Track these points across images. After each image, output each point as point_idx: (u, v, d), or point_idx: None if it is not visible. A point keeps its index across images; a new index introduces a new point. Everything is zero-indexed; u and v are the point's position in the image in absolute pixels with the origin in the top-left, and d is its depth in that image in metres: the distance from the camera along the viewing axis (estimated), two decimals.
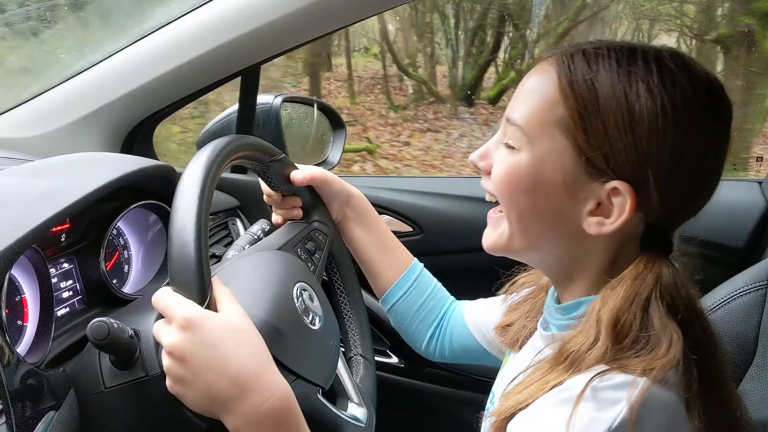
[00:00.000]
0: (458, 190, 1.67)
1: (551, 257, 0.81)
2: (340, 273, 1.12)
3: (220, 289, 0.77)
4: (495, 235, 0.83)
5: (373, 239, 1.13)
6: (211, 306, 0.74)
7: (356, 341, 1.10)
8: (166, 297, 0.74)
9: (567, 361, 0.70)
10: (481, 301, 1.14)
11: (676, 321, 0.69)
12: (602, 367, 0.68)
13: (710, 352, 0.73)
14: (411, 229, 1.61)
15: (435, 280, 1.18)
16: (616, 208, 0.72)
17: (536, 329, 0.90)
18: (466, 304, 1.16)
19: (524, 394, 0.71)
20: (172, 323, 0.72)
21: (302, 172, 1.05)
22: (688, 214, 0.76)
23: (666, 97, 0.69)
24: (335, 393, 0.99)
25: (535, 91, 0.76)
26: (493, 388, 0.96)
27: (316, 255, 1.04)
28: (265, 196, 1.10)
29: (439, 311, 1.16)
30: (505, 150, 0.78)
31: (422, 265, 1.17)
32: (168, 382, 0.73)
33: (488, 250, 0.85)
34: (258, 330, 0.77)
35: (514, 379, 0.77)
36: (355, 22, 1.28)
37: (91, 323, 0.74)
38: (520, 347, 0.93)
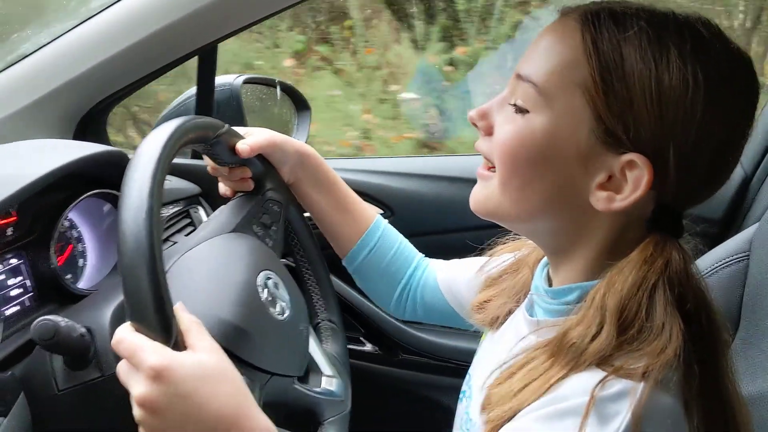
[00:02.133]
0: (429, 170, 1.63)
1: (547, 230, 0.75)
2: (298, 238, 1.07)
3: (185, 321, 0.69)
4: (484, 195, 0.76)
5: (331, 200, 1.07)
6: (179, 344, 0.66)
7: (321, 306, 1.05)
8: (128, 340, 0.65)
9: (568, 353, 0.65)
10: (455, 261, 1.09)
11: (682, 312, 0.65)
12: (598, 372, 0.63)
13: (715, 348, 0.68)
14: (381, 212, 1.56)
15: (401, 236, 1.13)
16: (630, 183, 0.66)
17: (516, 308, 0.86)
18: (438, 264, 1.11)
19: (525, 393, 0.66)
20: (138, 371, 0.65)
21: (248, 143, 0.95)
22: (703, 197, 0.71)
23: (699, 67, 0.64)
24: (308, 369, 0.95)
25: (555, 48, 0.69)
26: (470, 370, 0.91)
27: (273, 228, 0.98)
28: (209, 168, 1.01)
29: (407, 269, 1.10)
30: (512, 111, 0.71)
31: (386, 221, 1.12)
32: None
33: (475, 210, 0.78)
34: (223, 334, 0.72)
35: (499, 367, 0.72)
36: None
37: (35, 323, 0.69)
38: (498, 327, 0.89)
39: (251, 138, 0.98)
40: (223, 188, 1.03)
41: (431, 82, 3.41)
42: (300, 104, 1.80)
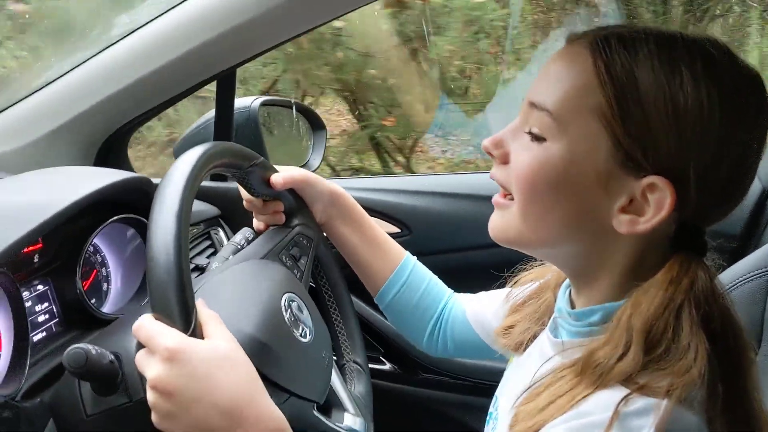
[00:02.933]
0: (446, 188, 1.63)
1: (569, 254, 0.75)
2: (327, 277, 1.09)
3: (205, 313, 0.72)
4: (503, 223, 0.76)
5: (361, 237, 1.09)
6: (197, 333, 0.69)
7: (347, 347, 1.06)
8: (147, 326, 0.68)
9: (595, 372, 0.65)
10: (482, 294, 1.10)
11: (708, 331, 0.64)
12: (622, 390, 0.63)
13: (740, 366, 0.68)
14: (399, 230, 1.58)
15: (430, 273, 1.13)
16: (653, 206, 0.66)
17: (541, 332, 0.86)
18: (466, 298, 1.12)
19: (550, 410, 0.66)
20: (155, 355, 0.67)
21: (282, 176, 1.00)
22: (724, 213, 0.71)
23: (712, 85, 0.64)
24: (330, 404, 0.95)
25: (567, 75, 0.69)
26: (497, 393, 0.91)
27: (302, 261, 1.00)
28: (245, 202, 1.05)
29: (438, 305, 1.11)
30: (527, 139, 0.71)
31: (415, 258, 1.13)
32: (154, 417, 0.68)
33: (496, 239, 0.77)
34: (246, 347, 0.73)
35: (527, 389, 0.71)
36: (334, 19, 1.23)
37: (67, 351, 0.70)
38: (523, 351, 0.89)
39: (285, 172, 1.01)
40: (256, 223, 1.06)
41: None
42: (316, 124, 1.81)
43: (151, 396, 0.67)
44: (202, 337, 0.69)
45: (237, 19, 1.17)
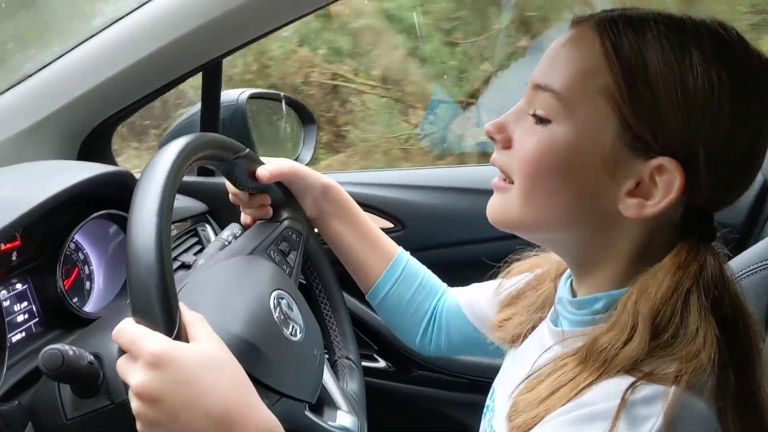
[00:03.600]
0: (440, 181, 1.60)
1: (572, 240, 0.73)
2: (317, 272, 1.06)
3: (189, 315, 0.68)
4: (502, 206, 0.74)
5: (353, 232, 1.06)
6: (181, 336, 0.65)
7: (339, 343, 1.03)
8: (128, 330, 0.64)
9: (599, 359, 0.63)
10: (475, 285, 1.07)
11: (718, 317, 0.62)
12: (627, 378, 0.61)
13: (750, 353, 0.66)
14: (392, 225, 1.54)
15: (424, 268, 1.10)
16: (661, 188, 0.64)
17: (539, 323, 0.83)
18: (460, 291, 1.09)
19: (552, 399, 0.64)
20: (137, 360, 0.63)
21: (269, 168, 0.96)
22: (731, 198, 0.69)
23: (722, 67, 0.63)
24: (322, 402, 0.92)
25: (573, 56, 0.68)
26: (494, 385, 0.89)
27: (291, 256, 0.97)
28: (230, 196, 1.01)
29: (432, 301, 1.08)
30: (532, 122, 0.70)
31: (408, 253, 1.10)
32: (139, 426, 0.64)
33: (494, 223, 0.75)
34: (233, 349, 0.69)
35: (526, 378, 0.69)
36: (321, 8, 1.20)
37: (42, 352, 0.66)
38: (521, 343, 0.86)
39: (272, 164, 0.98)
40: (243, 217, 1.03)
41: None
42: (306, 118, 1.78)
43: (135, 404, 0.64)
44: (187, 340, 0.66)
45: (221, 7, 1.14)
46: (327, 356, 1.01)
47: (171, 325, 0.64)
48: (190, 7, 1.16)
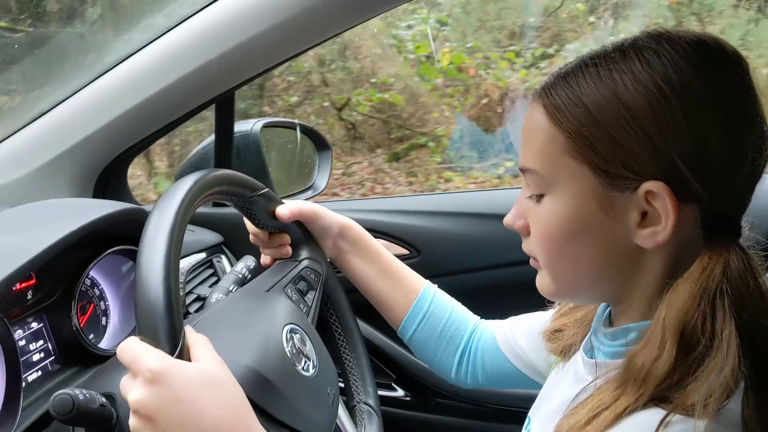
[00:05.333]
0: (453, 207, 1.59)
1: (611, 289, 0.74)
2: (336, 314, 1.04)
3: (193, 336, 0.69)
4: (542, 284, 0.77)
5: (376, 268, 1.06)
6: (183, 355, 0.66)
7: (358, 388, 1.01)
8: (131, 348, 0.65)
9: (636, 379, 0.63)
10: (513, 319, 1.06)
11: (740, 320, 0.61)
12: (659, 411, 0.60)
13: None
14: (407, 252, 1.53)
15: (453, 301, 1.10)
16: (662, 212, 0.64)
17: (585, 339, 0.82)
18: (495, 324, 1.08)
19: (594, 425, 0.63)
20: (138, 377, 0.64)
21: (288, 207, 0.98)
22: (744, 190, 0.67)
23: (657, 77, 0.63)
24: None
25: (533, 132, 0.71)
26: (530, 413, 0.88)
27: (309, 295, 0.96)
28: (251, 237, 1.02)
29: (464, 333, 1.07)
30: (533, 203, 0.73)
31: (435, 287, 1.09)
32: None
33: (545, 296, 0.79)
34: (242, 379, 0.70)
35: (570, 411, 0.69)
36: (326, 40, 1.20)
37: (53, 397, 0.66)
38: (570, 356, 0.86)
39: (291, 203, 0.99)
40: (263, 258, 1.03)
41: None
42: (321, 145, 1.79)
43: (132, 421, 0.64)
44: (189, 360, 0.66)
45: (233, 41, 1.15)
46: (345, 401, 1.00)
47: (173, 343, 0.65)
48: (201, 41, 1.17)
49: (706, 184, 0.64)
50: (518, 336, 1.01)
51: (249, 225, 1.00)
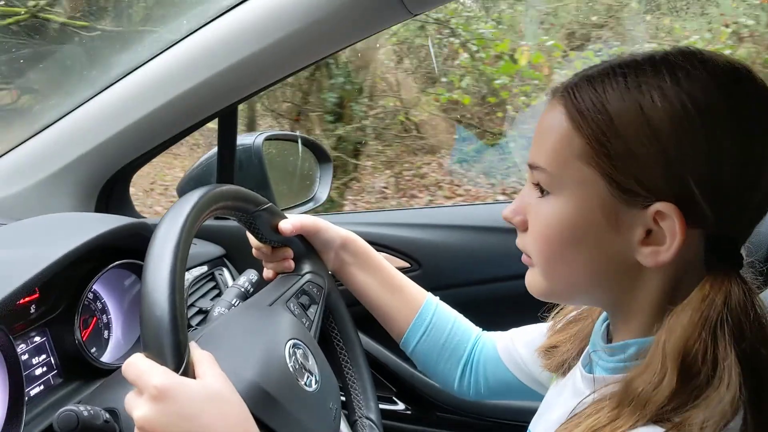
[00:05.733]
0: (455, 220, 1.59)
1: (603, 297, 0.74)
2: (338, 328, 1.05)
3: (198, 353, 0.69)
4: (534, 281, 0.76)
5: (378, 281, 1.06)
6: (188, 372, 0.66)
7: (360, 402, 1.01)
8: (137, 364, 0.66)
9: (634, 402, 0.62)
10: (514, 330, 1.06)
11: (740, 350, 0.61)
12: (657, 429, 0.60)
13: None
14: (408, 265, 1.53)
15: (454, 313, 1.10)
16: (668, 233, 0.64)
17: (580, 357, 0.82)
18: (497, 335, 1.08)
19: None
20: (143, 394, 0.64)
21: (291, 222, 0.99)
22: (752, 217, 0.67)
23: (684, 96, 0.62)
24: None
25: (549, 130, 0.70)
26: (530, 426, 0.88)
27: (311, 309, 0.97)
28: (254, 251, 1.03)
29: (466, 345, 1.07)
30: (536, 195, 0.72)
31: (437, 299, 1.09)
32: None
33: (532, 294, 0.78)
34: (244, 393, 0.70)
35: (564, 425, 0.69)
36: (329, 55, 1.21)
37: (57, 414, 0.66)
38: (566, 372, 0.86)
39: (294, 218, 1.00)
40: (266, 272, 1.04)
41: None
42: (322, 157, 1.79)
43: None
44: (193, 377, 0.67)
45: (236, 56, 1.15)
46: (347, 415, 1.00)
47: (178, 360, 0.65)
48: (205, 56, 1.18)
49: (716, 211, 0.63)
50: (519, 347, 1.01)
51: (252, 239, 1.01)
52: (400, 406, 1.56)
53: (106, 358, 1.02)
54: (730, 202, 0.64)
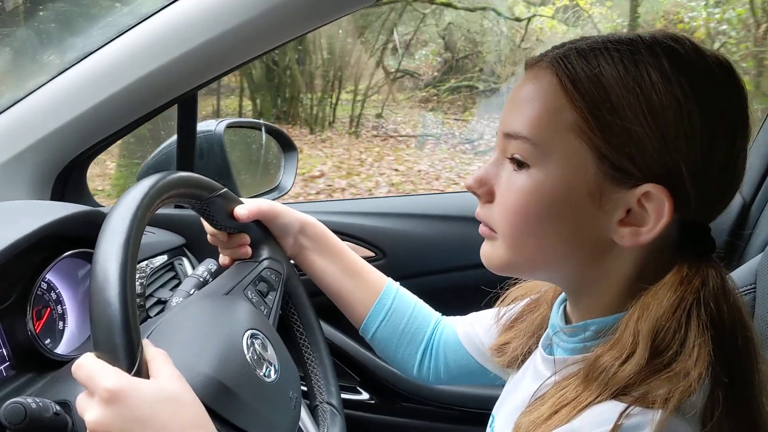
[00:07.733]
0: (420, 209, 1.59)
1: (568, 274, 0.72)
2: (297, 313, 1.03)
3: (151, 351, 0.67)
4: (494, 254, 0.73)
5: (338, 267, 1.05)
6: (141, 372, 0.64)
7: (321, 388, 1.00)
8: (87, 365, 0.63)
9: (600, 378, 0.62)
10: (473, 315, 1.05)
11: (716, 332, 0.62)
12: (617, 404, 0.60)
13: (749, 373, 0.64)
14: (373, 254, 1.53)
15: (415, 298, 1.09)
16: (652, 214, 0.63)
17: (536, 346, 0.82)
18: (456, 320, 1.07)
19: (554, 420, 0.63)
20: (94, 396, 0.62)
21: (247, 207, 0.96)
22: (724, 205, 0.68)
23: (683, 79, 0.62)
24: None
25: (535, 98, 0.67)
26: (494, 411, 0.88)
27: (269, 296, 0.95)
28: (209, 237, 1.00)
29: (426, 329, 1.06)
30: (511, 168, 0.69)
31: (398, 284, 1.08)
32: None
33: (489, 268, 0.75)
34: (201, 388, 0.69)
35: (529, 403, 0.69)
36: (289, 41, 1.19)
37: (3, 407, 0.64)
38: (519, 367, 0.86)
39: (250, 203, 0.97)
40: (222, 258, 1.02)
41: None
42: (287, 146, 1.77)
43: None
44: (147, 377, 0.65)
45: (196, 40, 1.13)
46: (308, 402, 0.99)
47: (131, 360, 0.63)
48: (163, 40, 1.15)
49: (700, 196, 0.64)
50: (479, 331, 1.01)
51: (206, 226, 0.98)
52: (364, 395, 1.55)
53: (61, 349, 1.00)
54: (714, 189, 0.65)
